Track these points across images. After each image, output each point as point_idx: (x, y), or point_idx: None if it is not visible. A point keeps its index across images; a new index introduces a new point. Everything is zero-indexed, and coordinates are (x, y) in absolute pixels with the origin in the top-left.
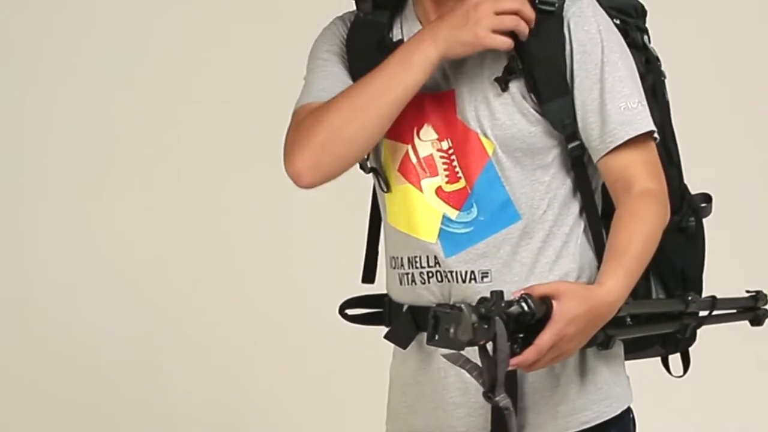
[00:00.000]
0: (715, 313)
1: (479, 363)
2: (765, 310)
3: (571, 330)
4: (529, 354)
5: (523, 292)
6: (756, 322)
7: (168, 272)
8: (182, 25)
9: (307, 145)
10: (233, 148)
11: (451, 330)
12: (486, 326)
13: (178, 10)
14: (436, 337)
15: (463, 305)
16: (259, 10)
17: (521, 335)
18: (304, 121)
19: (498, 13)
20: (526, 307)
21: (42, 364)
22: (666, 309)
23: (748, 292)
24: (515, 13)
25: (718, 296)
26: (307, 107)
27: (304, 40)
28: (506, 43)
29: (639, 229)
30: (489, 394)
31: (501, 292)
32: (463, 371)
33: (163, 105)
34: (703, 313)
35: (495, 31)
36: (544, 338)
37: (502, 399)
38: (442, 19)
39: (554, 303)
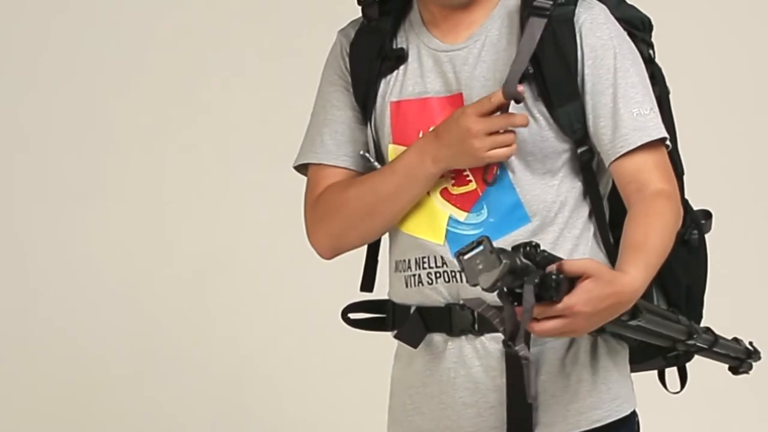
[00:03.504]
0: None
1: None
2: (750, 364)
3: (587, 309)
4: (535, 310)
5: (556, 267)
6: (734, 370)
7: (166, 276)
8: (180, 29)
9: (324, 232)
10: (231, 154)
11: (480, 267)
12: (512, 278)
13: (176, 14)
14: (467, 257)
15: (505, 260)
16: (260, 12)
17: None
18: (318, 204)
19: (490, 133)
20: (553, 292)
21: (35, 368)
22: (670, 333)
23: (739, 341)
24: (507, 127)
25: (718, 334)
26: (318, 174)
27: (306, 44)
28: (507, 153)
29: (655, 227)
30: (509, 342)
31: (542, 264)
32: (473, 369)
33: (162, 109)
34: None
35: (492, 148)
36: (558, 306)
37: (522, 349)
38: (439, 138)
39: (579, 281)
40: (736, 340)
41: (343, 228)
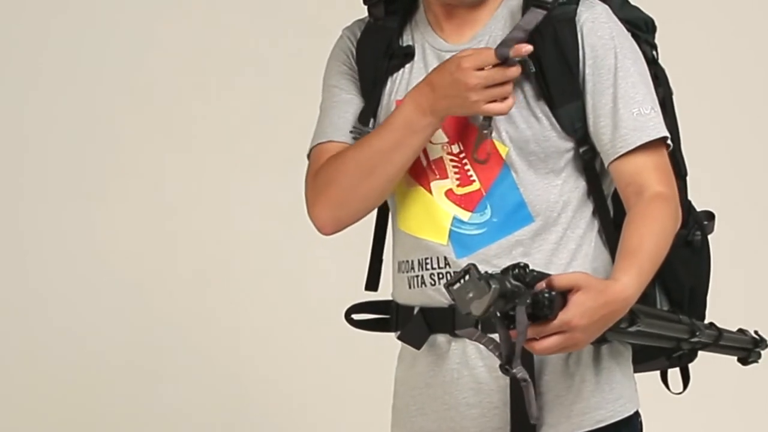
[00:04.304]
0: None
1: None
2: (758, 353)
3: (583, 322)
4: (530, 331)
5: (545, 284)
6: (743, 361)
7: (169, 276)
8: (183, 29)
9: (325, 202)
10: (236, 153)
11: (470, 295)
12: (503, 302)
13: (179, 13)
14: (455, 287)
15: (495, 285)
16: (260, 13)
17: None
18: (319, 174)
19: (488, 87)
20: (547, 310)
21: (41, 365)
22: (672, 334)
23: (744, 331)
24: (504, 81)
25: (722, 327)
26: (322, 149)
27: (307, 44)
28: (505, 108)
29: (651, 231)
30: (506, 366)
31: (532, 283)
32: (477, 370)
33: (164, 110)
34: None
35: (489, 102)
36: (554, 323)
37: (519, 371)
38: (434, 89)
39: (570, 295)
40: (741, 331)
41: (344, 192)
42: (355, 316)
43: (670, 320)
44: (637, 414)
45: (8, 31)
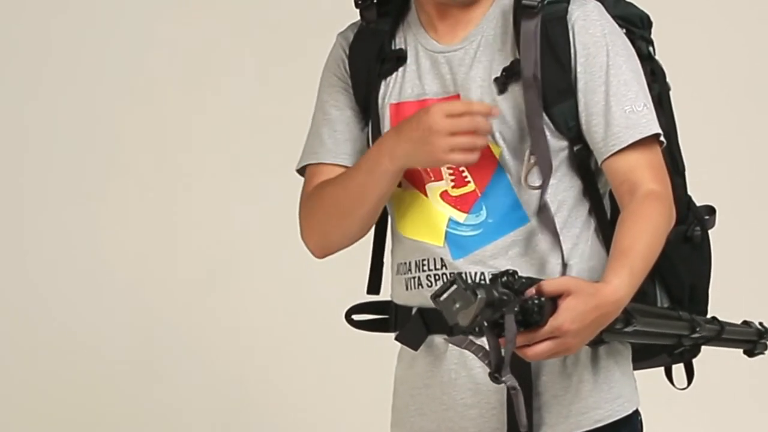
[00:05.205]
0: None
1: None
2: (764, 344)
3: (574, 326)
4: (521, 338)
5: (535, 291)
6: (749, 353)
7: (169, 276)
8: (183, 29)
9: (311, 231)
10: (236, 154)
11: (456, 305)
12: (491, 311)
13: (179, 13)
14: (442, 298)
15: (481, 294)
16: (260, 13)
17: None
18: (306, 202)
19: (454, 133)
20: (537, 317)
21: (42, 366)
22: (672, 331)
23: (749, 323)
24: (472, 130)
25: (724, 320)
26: (313, 172)
27: (309, 46)
28: (466, 160)
29: (643, 230)
30: (495, 374)
31: (521, 290)
32: (474, 371)
33: (165, 110)
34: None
35: (453, 150)
36: (545, 329)
37: (509, 379)
38: (399, 133)
39: (560, 300)
40: (746, 323)
41: (325, 227)
42: (355, 317)
43: (669, 317)
44: (636, 413)
45: (9, 31)
